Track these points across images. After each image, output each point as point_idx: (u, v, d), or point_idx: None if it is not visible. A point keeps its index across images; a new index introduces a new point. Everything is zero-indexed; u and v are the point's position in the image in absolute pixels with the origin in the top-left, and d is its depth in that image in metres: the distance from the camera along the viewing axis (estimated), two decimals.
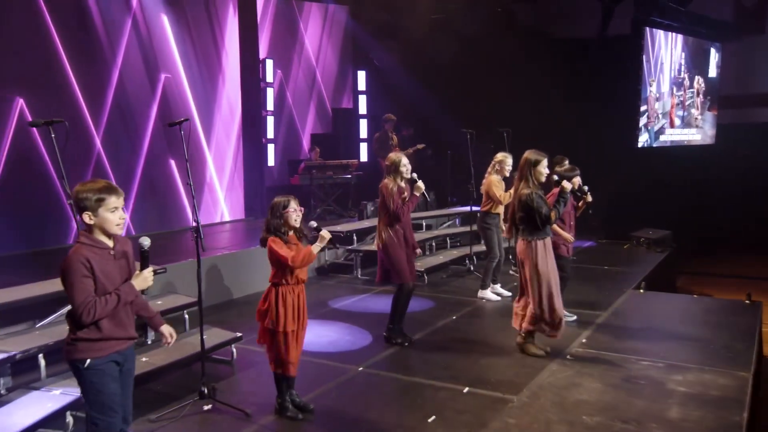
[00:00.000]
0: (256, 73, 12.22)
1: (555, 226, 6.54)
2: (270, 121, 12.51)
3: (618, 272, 9.25)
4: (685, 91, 13.70)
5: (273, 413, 4.63)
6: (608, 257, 10.33)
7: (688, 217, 12.59)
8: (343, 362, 5.77)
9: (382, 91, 14.09)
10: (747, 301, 7.53)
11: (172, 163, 10.94)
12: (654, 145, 13.06)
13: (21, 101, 8.61)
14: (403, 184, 6.00)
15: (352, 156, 13.34)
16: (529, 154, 5.75)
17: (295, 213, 4.39)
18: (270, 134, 12.54)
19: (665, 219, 11.94)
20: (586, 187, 6.62)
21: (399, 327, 6.26)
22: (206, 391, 4.74)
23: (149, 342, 5.68)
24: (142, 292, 3.38)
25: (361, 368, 5.62)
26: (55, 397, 4.42)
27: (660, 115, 13.26)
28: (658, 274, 9.88)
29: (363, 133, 14.09)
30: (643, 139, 12.70)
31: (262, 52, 12.53)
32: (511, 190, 6.76)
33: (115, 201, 3.21)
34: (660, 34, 12.95)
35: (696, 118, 13.93)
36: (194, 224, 4.65)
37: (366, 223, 10.09)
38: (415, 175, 6.02)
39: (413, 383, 5.35)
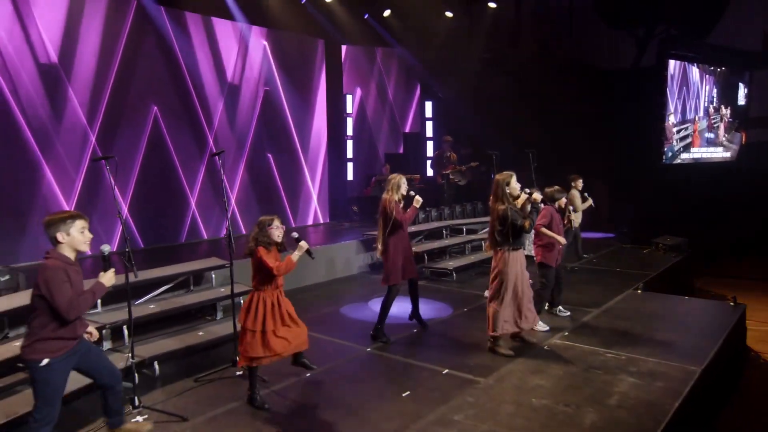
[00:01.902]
0: (339, 105, 12.73)
1: (547, 230, 6.38)
2: (349, 144, 12.95)
3: (627, 274, 8.79)
4: (710, 117, 12.89)
5: (286, 380, 4.93)
6: (625, 260, 9.81)
7: (713, 225, 11.83)
8: (357, 343, 5.92)
9: (445, 117, 14.19)
10: (732, 303, 7.10)
11: (270, 158, 11.44)
12: (679, 162, 12.36)
13: (155, 108, 9.46)
14: (418, 198, 5.86)
15: (420, 172, 13.50)
16: (499, 176, 5.53)
17: (277, 230, 4.34)
18: (350, 154, 12.97)
19: (691, 227, 11.30)
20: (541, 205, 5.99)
21: (382, 327, 5.95)
22: (237, 361, 5.08)
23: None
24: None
25: (369, 349, 5.77)
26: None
27: (686, 137, 12.59)
28: (674, 276, 9.38)
29: (429, 152, 14.25)
30: (666, 156, 12.07)
31: (345, 87, 12.99)
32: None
33: (83, 224, 3.40)
34: (694, 69, 12.30)
35: (723, 137, 13.05)
36: (226, 232, 5.10)
37: (412, 228, 10.14)
38: (412, 192, 5.90)
39: (405, 363, 5.43)
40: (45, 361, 3.31)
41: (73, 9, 8.42)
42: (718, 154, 13.15)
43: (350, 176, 12.93)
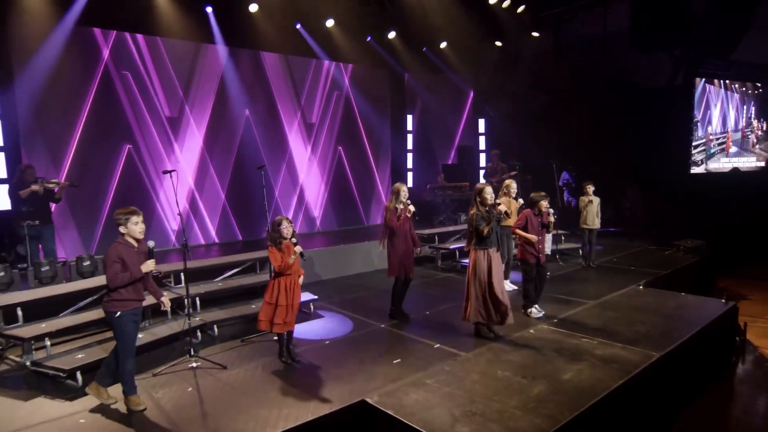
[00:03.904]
0: (402, 124, 13.20)
1: (520, 231, 6.27)
2: (409, 156, 13.39)
3: (640, 272, 8.45)
4: (743, 130, 11.96)
5: (309, 345, 5.48)
6: (643, 260, 9.36)
7: (742, 228, 11.01)
8: (376, 321, 6.27)
9: (495, 132, 14.21)
10: (723, 301, 6.76)
11: (347, 168, 12.12)
12: (709, 170, 11.59)
13: (247, 112, 10.45)
14: (401, 207, 5.95)
15: (470, 180, 13.59)
16: (477, 186, 5.59)
17: (285, 229, 4.81)
18: (409, 165, 13.42)
19: (721, 231, 10.63)
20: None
21: (398, 307, 6.24)
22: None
23: None
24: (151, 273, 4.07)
25: (383, 325, 6.13)
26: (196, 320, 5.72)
27: (722, 143, 11.80)
28: (688, 276, 8.89)
29: (482, 163, 14.32)
30: (698, 159, 11.37)
31: (407, 108, 13.40)
32: (511, 207, 6.75)
33: (136, 218, 3.97)
34: (728, 88, 11.55)
35: (756, 147, 12.04)
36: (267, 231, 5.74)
37: (449, 228, 10.27)
38: (408, 201, 6.00)
39: (407, 338, 5.73)
40: (118, 313, 3.95)
41: (196, 64, 9.73)
42: (751, 163, 12.16)
43: (410, 183, 13.36)
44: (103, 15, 8.41)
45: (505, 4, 11.46)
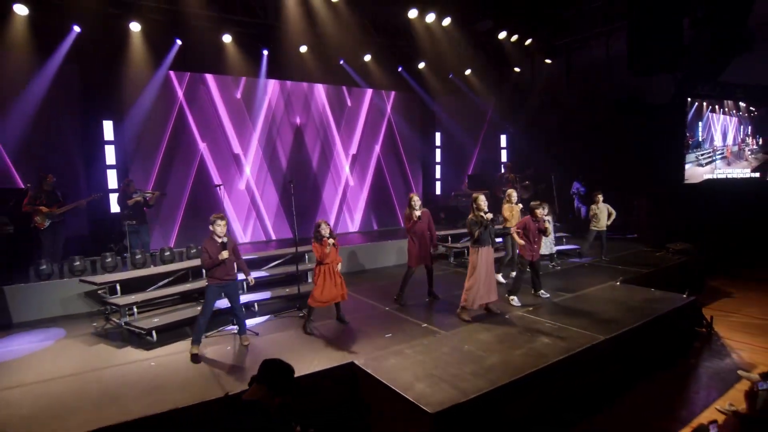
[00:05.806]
0: (431, 140, 13.76)
1: (514, 234, 6.79)
2: (438, 167, 13.90)
3: (625, 270, 8.42)
4: (740, 145, 11.54)
5: (324, 320, 6.17)
6: (633, 260, 9.25)
7: (738, 233, 10.71)
8: (382, 304, 6.83)
9: (514, 146, 14.41)
10: (684, 296, 6.85)
11: (387, 176, 12.85)
12: (707, 179, 11.30)
13: (298, 119, 11.40)
14: (417, 213, 6.62)
15: (490, 188, 13.85)
16: (473, 195, 6.10)
17: (324, 230, 5.67)
18: (438, 175, 13.93)
19: (716, 235, 10.43)
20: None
21: (402, 294, 6.77)
22: (299, 307, 6.57)
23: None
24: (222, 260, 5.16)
25: (387, 308, 6.69)
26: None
27: (722, 152, 11.52)
28: (674, 275, 8.77)
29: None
30: (703, 162, 11.18)
31: (435, 127, 13.94)
32: (512, 212, 7.10)
33: (220, 222, 5.15)
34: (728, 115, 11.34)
35: (749, 156, 11.60)
36: (293, 234, 6.54)
37: (462, 230, 10.45)
38: (417, 209, 6.63)
39: (402, 318, 6.25)
40: (207, 284, 5.17)
41: (257, 93, 10.80)
42: (746, 174, 11.70)
43: (438, 191, 13.90)
44: (183, 60, 9.65)
45: (512, 39, 11.74)
